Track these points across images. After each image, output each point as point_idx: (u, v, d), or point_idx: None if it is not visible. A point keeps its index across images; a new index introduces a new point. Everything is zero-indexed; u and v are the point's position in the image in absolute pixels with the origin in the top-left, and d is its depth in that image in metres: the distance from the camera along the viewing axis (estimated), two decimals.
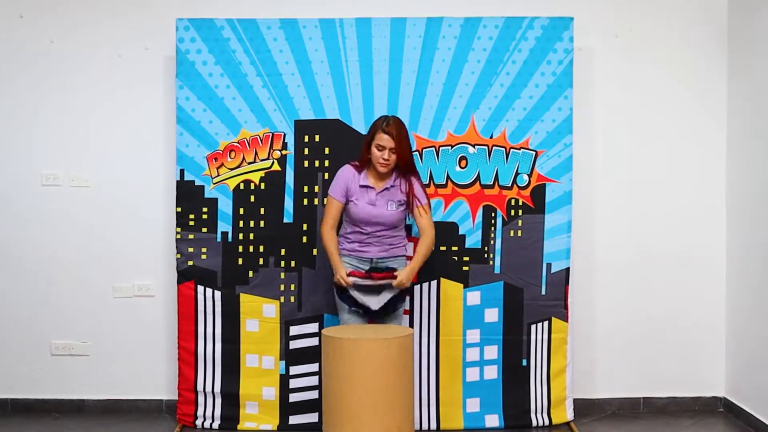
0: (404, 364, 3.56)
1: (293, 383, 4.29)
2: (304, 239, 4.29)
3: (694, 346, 4.55)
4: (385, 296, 3.85)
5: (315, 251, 4.29)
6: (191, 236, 4.28)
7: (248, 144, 4.29)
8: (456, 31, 4.24)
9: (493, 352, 4.31)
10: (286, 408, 4.30)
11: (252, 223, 4.29)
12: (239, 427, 4.30)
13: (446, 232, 4.29)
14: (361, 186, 3.88)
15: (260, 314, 4.29)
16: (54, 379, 4.53)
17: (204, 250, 4.28)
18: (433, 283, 4.28)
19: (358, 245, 3.91)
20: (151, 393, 4.53)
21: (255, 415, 4.31)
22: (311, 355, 4.27)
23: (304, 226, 4.29)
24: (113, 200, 4.49)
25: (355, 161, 3.96)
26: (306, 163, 4.29)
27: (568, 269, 4.30)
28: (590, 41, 4.46)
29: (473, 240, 4.30)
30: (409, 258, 3.99)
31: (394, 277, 3.84)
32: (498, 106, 4.27)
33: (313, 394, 4.27)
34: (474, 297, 4.29)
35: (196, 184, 4.29)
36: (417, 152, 4.28)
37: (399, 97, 4.27)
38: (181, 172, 4.29)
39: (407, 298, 4.05)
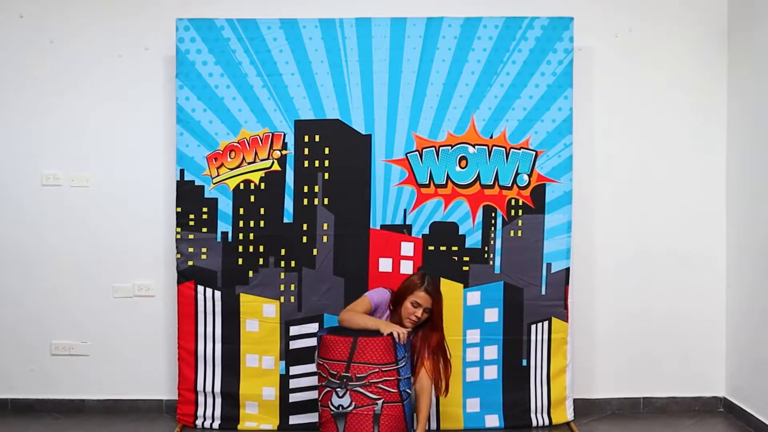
0: None
1: (293, 383, 4.29)
2: (304, 239, 4.29)
3: (694, 346, 4.55)
4: None
5: (315, 251, 4.29)
6: (191, 236, 4.28)
7: (248, 144, 4.29)
8: (456, 31, 4.24)
9: (493, 352, 4.31)
10: (286, 408, 4.30)
11: (252, 223, 4.29)
12: (239, 427, 4.30)
13: (446, 232, 4.29)
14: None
15: (260, 314, 4.29)
16: (54, 379, 4.53)
17: (204, 250, 4.29)
18: None
19: None
20: (151, 393, 4.53)
21: (255, 415, 4.31)
22: (311, 355, 4.26)
23: (304, 226, 4.29)
24: (113, 200, 4.49)
25: (387, 292, 3.92)
26: (306, 163, 4.30)
27: (568, 269, 4.30)
28: (590, 41, 4.46)
29: (473, 240, 4.30)
30: None
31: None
32: (498, 106, 4.27)
33: (313, 394, 4.26)
34: (474, 297, 4.30)
35: (196, 184, 4.29)
36: (417, 152, 4.28)
37: (399, 97, 4.27)
38: (181, 172, 4.29)
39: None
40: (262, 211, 4.30)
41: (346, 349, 3.53)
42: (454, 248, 4.30)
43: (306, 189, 4.30)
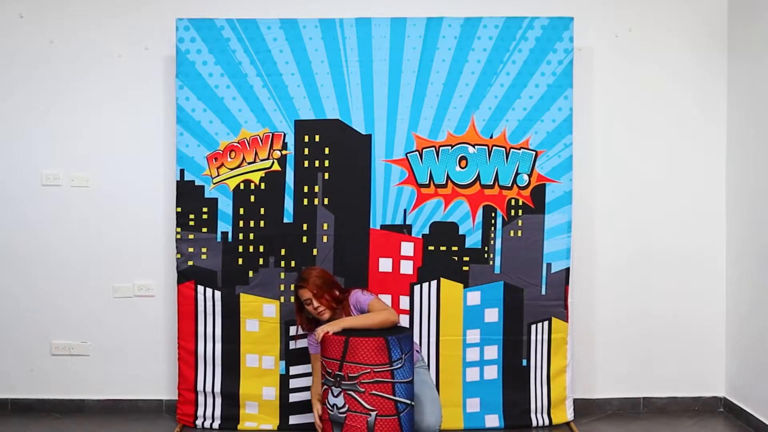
0: None
1: (293, 383, 4.30)
2: (304, 239, 4.29)
3: (694, 346, 4.55)
4: None
5: (315, 251, 4.29)
6: (191, 236, 4.28)
7: (248, 144, 4.29)
8: (456, 31, 4.25)
9: (493, 352, 4.31)
10: (286, 408, 4.30)
11: (252, 223, 4.29)
12: (239, 427, 4.30)
13: (446, 232, 4.29)
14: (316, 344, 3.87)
15: (260, 314, 4.29)
16: (54, 379, 4.53)
17: (204, 250, 4.29)
18: (433, 283, 4.28)
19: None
20: (151, 393, 4.53)
21: (255, 415, 4.31)
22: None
23: (304, 226, 4.29)
24: (113, 200, 4.49)
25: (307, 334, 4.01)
26: (306, 163, 4.30)
27: (568, 269, 4.30)
28: (590, 41, 4.46)
29: (473, 240, 4.30)
30: None
31: None
32: (498, 106, 4.27)
33: None
34: (474, 297, 4.30)
35: (196, 184, 4.29)
36: (417, 152, 4.28)
37: (399, 97, 4.27)
38: (181, 172, 4.29)
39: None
40: (262, 211, 4.30)
41: (339, 348, 3.55)
42: (454, 248, 4.30)
43: (306, 189, 4.30)
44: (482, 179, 4.30)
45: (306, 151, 4.30)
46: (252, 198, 4.30)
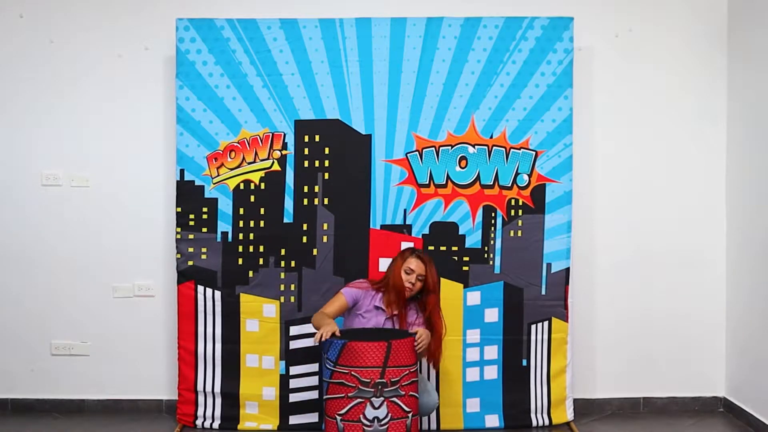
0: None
1: (293, 383, 4.30)
2: (304, 239, 4.29)
3: (694, 346, 4.55)
4: None
5: (315, 251, 4.29)
6: (191, 236, 4.28)
7: (248, 144, 4.29)
8: (456, 31, 4.25)
9: (493, 352, 4.31)
10: (286, 408, 4.30)
11: (252, 223, 4.29)
12: (239, 427, 4.30)
13: (446, 232, 4.29)
14: (376, 307, 3.88)
15: (260, 314, 4.29)
16: (54, 379, 4.53)
17: (204, 250, 4.29)
18: None
19: None
20: (151, 393, 4.53)
21: (255, 415, 4.31)
22: (311, 355, 4.27)
23: (304, 226, 4.29)
24: (113, 200, 4.49)
25: (365, 281, 3.98)
26: (306, 163, 4.30)
27: (568, 269, 4.30)
28: (590, 41, 4.46)
29: (473, 240, 4.30)
30: None
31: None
32: (498, 106, 4.27)
33: (313, 394, 4.27)
34: (474, 297, 4.30)
35: (196, 184, 4.29)
36: (417, 152, 4.28)
37: (399, 97, 4.27)
38: (181, 172, 4.29)
39: None
40: (262, 211, 4.30)
41: (380, 354, 3.42)
42: (454, 248, 4.30)
43: (306, 189, 4.30)
44: (482, 179, 4.30)
45: (306, 151, 4.30)
46: (252, 198, 4.30)
